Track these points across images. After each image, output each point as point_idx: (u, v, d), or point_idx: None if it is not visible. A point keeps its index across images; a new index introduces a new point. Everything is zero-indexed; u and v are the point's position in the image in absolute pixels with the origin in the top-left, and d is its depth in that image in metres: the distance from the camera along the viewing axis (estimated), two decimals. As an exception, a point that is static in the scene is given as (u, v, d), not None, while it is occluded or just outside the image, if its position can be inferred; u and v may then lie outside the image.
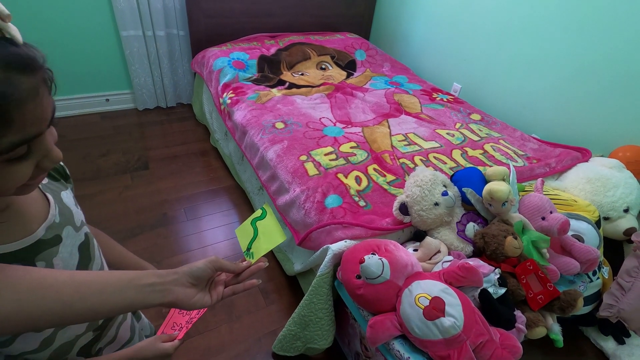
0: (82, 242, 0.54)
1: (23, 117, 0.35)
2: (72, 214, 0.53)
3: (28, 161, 0.38)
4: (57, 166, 0.57)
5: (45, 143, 0.39)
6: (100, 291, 0.41)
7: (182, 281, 0.48)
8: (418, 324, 0.77)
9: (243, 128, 1.61)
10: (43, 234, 0.47)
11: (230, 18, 2.29)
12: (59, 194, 0.53)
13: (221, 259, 0.52)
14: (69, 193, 0.56)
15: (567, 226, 0.99)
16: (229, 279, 0.55)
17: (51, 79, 0.39)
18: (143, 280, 0.44)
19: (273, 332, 1.24)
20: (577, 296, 0.92)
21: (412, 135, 1.58)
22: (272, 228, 0.60)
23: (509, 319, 0.82)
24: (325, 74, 2.20)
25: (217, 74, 1.99)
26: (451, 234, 1.02)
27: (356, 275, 0.85)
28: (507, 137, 1.67)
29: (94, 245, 0.58)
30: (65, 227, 0.51)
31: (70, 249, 0.51)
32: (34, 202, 0.48)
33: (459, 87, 2.24)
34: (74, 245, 0.52)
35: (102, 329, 0.59)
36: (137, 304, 0.44)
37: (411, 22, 2.50)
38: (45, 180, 0.53)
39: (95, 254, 0.57)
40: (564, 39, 1.65)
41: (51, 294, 0.38)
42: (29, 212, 0.47)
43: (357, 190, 1.20)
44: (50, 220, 0.48)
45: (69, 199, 0.55)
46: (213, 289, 0.52)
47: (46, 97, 0.37)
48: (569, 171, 1.41)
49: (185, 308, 0.48)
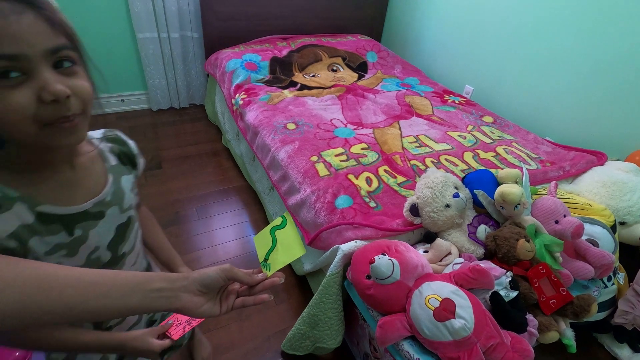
0: (122, 223, 0.60)
1: (1, 32, 0.37)
2: (123, 197, 0.59)
3: (23, 89, 0.39)
4: (129, 153, 0.64)
5: (41, 74, 0.40)
6: (104, 294, 0.40)
7: (191, 288, 0.46)
8: (428, 325, 0.76)
9: (255, 129, 1.63)
10: (90, 207, 0.53)
11: (243, 20, 2.32)
12: (120, 176, 0.60)
13: (235, 268, 0.50)
14: (129, 178, 0.63)
15: (581, 230, 0.98)
16: (242, 289, 0.53)
17: (52, 14, 0.41)
18: (150, 285, 0.43)
19: (282, 331, 1.24)
20: (591, 301, 0.91)
21: (423, 137, 1.58)
22: (291, 239, 0.57)
23: (520, 323, 0.81)
24: (336, 75, 2.21)
25: (230, 75, 2.02)
26: (462, 236, 1.02)
27: (366, 275, 0.86)
28: (520, 140, 1.66)
29: (133, 229, 0.63)
30: (113, 206, 0.57)
31: (109, 226, 0.57)
32: (94, 178, 0.56)
33: (471, 89, 2.22)
34: (113, 224, 0.58)
35: None
36: (142, 309, 0.43)
37: (423, 24, 2.50)
38: (114, 162, 0.61)
39: (130, 237, 0.63)
40: (578, 39, 1.63)
41: (54, 296, 0.37)
42: (86, 185, 0.54)
43: (368, 191, 1.21)
44: (101, 198, 0.55)
45: (127, 183, 0.61)
46: (224, 299, 0.51)
47: (34, 23, 0.39)
48: (583, 175, 1.38)
49: (192, 316, 0.47)
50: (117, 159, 0.62)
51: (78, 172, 0.53)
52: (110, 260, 0.59)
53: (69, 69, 0.44)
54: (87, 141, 0.58)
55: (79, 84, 0.44)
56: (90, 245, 0.55)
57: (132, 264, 0.66)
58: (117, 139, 0.64)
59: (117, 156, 0.62)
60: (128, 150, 0.64)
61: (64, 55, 0.43)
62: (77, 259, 0.54)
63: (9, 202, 0.45)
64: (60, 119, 0.42)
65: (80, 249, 0.53)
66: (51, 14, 0.41)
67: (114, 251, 0.59)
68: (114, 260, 0.60)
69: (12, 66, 0.38)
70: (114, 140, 0.63)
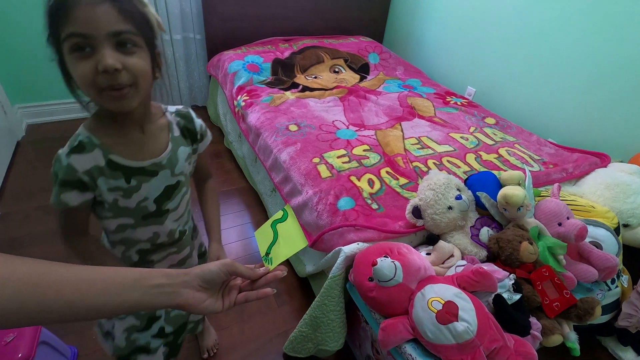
0: (171, 185, 0.70)
1: (77, 15, 0.49)
2: (176, 163, 0.70)
3: (88, 61, 0.51)
4: (192, 130, 0.74)
5: (101, 50, 0.51)
6: (103, 291, 0.40)
7: (193, 284, 0.45)
8: (431, 327, 0.76)
9: (257, 130, 1.63)
10: (147, 165, 0.65)
11: (245, 22, 2.33)
12: (178, 146, 0.70)
13: (236, 262, 0.50)
14: (187, 150, 0.72)
15: (584, 232, 0.97)
16: (245, 284, 0.53)
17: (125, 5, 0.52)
18: (150, 281, 0.42)
19: (284, 332, 1.24)
20: (595, 304, 0.90)
21: (426, 138, 1.58)
22: (293, 232, 0.57)
23: (523, 326, 0.81)
24: (338, 77, 2.21)
25: (232, 77, 2.02)
26: (465, 238, 1.01)
27: (368, 277, 0.85)
28: (523, 142, 1.65)
29: (180, 192, 0.73)
30: (165, 169, 0.68)
31: (159, 184, 0.68)
32: (157, 143, 0.67)
33: (473, 91, 2.22)
34: (163, 183, 0.68)
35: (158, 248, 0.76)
36: (142, 305, 0.42)
37: (425, 25, 2.50)
38: (177, 133, 0.71)
39: (175, 198, 0.72)
40: (582, 41, 1.62)
41: (52, 293, 0.37)
42: (149, 147, 0.66)
43: (370, 193, 1.20)
44: (158, 160, 0.66)
45: (182, 154, 0.71)
46: (226, 295, 0.50)
47: (106, 11, 0.50)
48: (586, 177, 1.38)
49: (194, 312, 0.46)
50: (181, 132, 0.72)
51: (146, 135, 0.65)
52: (154, 211, 0.70)
53: (128, 49, 0.53)
54: (161, 113, 0.70)
55: (132, 61, 0.54)
56: (141, 195, 0.66)
57: (174, 220, 0.75)
58: (186, 116, 0.74)
59: (181, 129, 0.72)
60: (192, 127, 0.74)
61: (126, 38, 0.53)
62: (130, 202, 0.66)
63: (91, 147, 0.60)
64: (111, 87, 0.53)
65: (133, 195, 0.65)
66: (124, 5, 0.52)
67: (158, 205, 0.70)
68: (158, 212, 0.71)
69: (84, 42, 0.50)
70: (183, 116, 0.73)
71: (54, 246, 1.47)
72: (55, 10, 0.50)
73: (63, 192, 0.59)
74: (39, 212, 1.64)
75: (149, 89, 0.60)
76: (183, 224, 0.79)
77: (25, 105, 2.25)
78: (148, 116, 0.66)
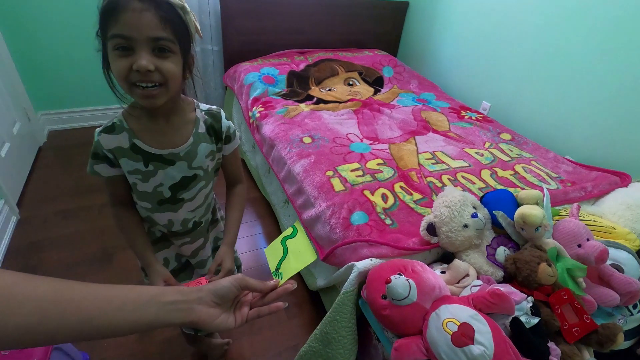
0: (187, 176, 0.75)
1: (124, 19, 0.56)
2: (194, 157, 0.74)
3: (126, 59, 0.58)
4: (218, 129, 0.78)
5: (139, 52, 0.58)
6: (120, 307, 0.40)
7: (206, 300, 0.46)
8: (445, 350, 0.74)
9: (271, 141, 1.65)
10: (165, 154, 0.71)
11: (262, 35, 2.37)
12: (200, 142, 0.75)
13: (247, 277, 0.50)
14: (209, 147, 0.77)
15: (605, 255, 0.94)
16: (255, 299, 0.53)
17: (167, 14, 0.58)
18: (165, 298, 0.43)
19: (294, 347, 1.23)
20: (617, 331, 0.87)
21: (440, 153, 1.57)
22: (302, 247, 0.58)
23: (542, 351, 0.78)
24: (352, 90, 2.22)
25: (248, 88, 2.05)
26: (480, 258, 0.99)
27: (382, 295, 0.84)
28: (540, 158, 1.62)
29: (197, 185, 0.78)
30: (182, 161, 0.73)
31: (176, 173, 0.73)
32: (179, 135, 0.72)
33: (489, 106, 2.20)
34: (180, 173, 0.74)
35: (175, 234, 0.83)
36: (158, 322, 0.42)
37: (440, 39, 2.51)
38: (202, 130, 0.75)
39: (192, 190, 0.77)
40: (602, 57, 1.60)
41: (71, 309, 0.37)
42: (170, 138, 0.71)
43: (384, 207, 1.20)
44: (177, 151, 0.72)
45: (203, 150, 0.76)
46: (238, 310, 0.50)
47: (149, 18, 0.57)
48: (606, 196, 1.34)
49: (208, 329, 0.46)
50: (207, 129, 0.76)
51: (169, 126, 0.71)
52: (169, 198, 0.76)
53: (163, 54, 0.60)
54: (192, 109, 0.76)
55: (165, 65, 0.60)
56: (157, 180, 0.72)
57: (190, 210, 0.81)
58: (215, 115, 0.78)
59: (207, 127, 0.77)
60: (218, 127, 0.78)
61: (163, 44, 0.59)
62: (147, 185, 0.73)
63: (120, 129, 0.69)
64: (141, 83, 0.60)
65: (150, 179, 0.72)
66: (167, 14, 0.58)
67: (173, 192, 0.75)
68: (173, 200, 0.76)
69: (126, 43, 0.57)
70: (212, 115, 0.78)
71: (72, 251, 1.50)
72: (107, 11, 0.57)
73: (95, 163, 0.69)
74: (58, 217, 1.68)
75: (178, 88, 0.67)
76: (200, 215, 0.85)
77: (48, 112, 2.32)
78: (175, 110, 0.72)
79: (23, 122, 2.00)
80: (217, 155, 0.81)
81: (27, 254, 1.47)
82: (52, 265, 1.43)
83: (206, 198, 0.84)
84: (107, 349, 1.17)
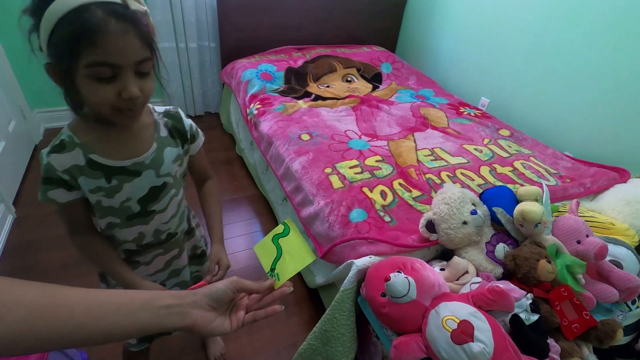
0: (157, 186, 0.69)
1: (106, 45, 0.50)
2: (161, 164, 0.69)
3: (110, 86, 0.53)
4: (181, 130, 0.73)
5: (126, 78, 0.53)
6: (113, 312, 0.39)
7: (201, 304, 0.45)
8: (445, 347, 0.74)
9: (269, 139, 1.64)
10: (129, 165, 0.64)
11: (259, 31, 2.35)
12: (164, 147, 0.70)
13: (242, 279, 0.49)
14: (174, 150, 0.72)
15: (604, 251, 0.94)
16: (251, 303, 0.52)
17: (145, 32, 0.54)
18: (159, 302, 0.42)
19: (293, 345, 1.23)
20: (617, 327, 0.87)
21: (439, 150, 1.56)
22: (298, 247, 0.54)
23: (542, 348, 0.78)
24: (350, 86, 2.21)
25: (245, 85, 2.04)
26: (480, 255, 0.99)
27: (381, 293, 0.84)
28: (538, 155, 1.62)
29: (168, 194, 0.72)
30: (149, 169, 0.67)
31: (143, 184, 0.67)
32: (141, 142, 0.66)
33: (487, 102, 2.20)
34: (147, 184, 0.68)
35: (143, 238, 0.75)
36: (152, 327, 0.41)
37: (438, 35, 2.49)
38: (164, 133, 0.70)
39: (163, 200, 0.72)
40: (601, 52, 1.59)
41: (63, 314, 0.36)
42: (131, 146, 0.65)
43: (382, 205, 1.19)
44: (140, 159, 0.66)
45: (169, 155, 0.70)
46: (234, 314, 0.49)
47: (132, 41, 0.52)
48: (605, 192, 1.34)
49: (203, 333, 0.46)
50: (169, 132, 0.72)
51: (127, 134, 0.65)
52: (139, 212, 0.70)
53: (144, 74, 0.56)
54: (147, 112, 0.69)
55: (147, 86, 0.57)
56: (123, 195, 0.66)
57: (163, 222, 0.75)
58: (175, 116, 0.74)
59: (169, 130, 0.72)
60: (181, 127, 0.74)
61: (145, 66, 0.56)
62: (113, 201, 0.66)
63: (72, 146, 0.61)
64: (129, 109, 0.57)
65: (115, 195, 0.65)
66: (144, 30, 0.54)
67: (143, 206, 0.69)
68: (143, 213, 0.70)
69: (111, 72, 0.52)
70: (172, 116, 0.73)
71: (68, 250, 1.49)
72: (78, 35, 0.49)
73: (48, 189, 0.61)
74: (53, 217, 1.66)
75: None
76: (174, 226, 0.79)
77: (43, 109, 2.30)
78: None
79: (18, 120, 1.98)
80: (185, 159, 0.76)
81: (24, 254, 1.46)
82: (49, 264, 1.42)
83: (179, 207, 0.78)
84: (106, 348, 1.17)
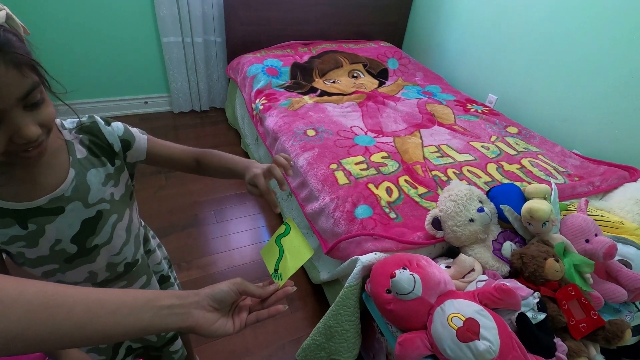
0: (90, 217, 0.58)
1: None
2: (87, 192, 0.56)
3: None
4: (103, 144, 0.59)
5: (14, 120, 0.42)
6: (114, 312, 0.38)
7: (204, 304, 0.44)
8: (450, 345, 0.74)
9: (274, 134, 1.63)
10: (44, 203, 0.52)
11: (265, 26, 2.34)
12: (86, 171, 0.57)
13: (246, 282, 0.49)
14: (100, 171, 0.59)
15: (613, 251, 0.93)
16: (254, 303, 0.51)
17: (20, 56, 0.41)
18: (161, 302, 0.41)
19: (297, 339, 1.23)
20: (625, 327, 0.86)
21: (445, 147, 1.55)
22: (297, 243, 0.55)
23: (548, 347, 0.78)
24: (357, 82, 2.20)
25: (251, 80, 2.03)
26: (486, 252, 0.98)
27: (386, 289, 0.84)
28: (547, 152, 1.60)
29: (107, 223, 0.60)
30: (73, 202, 0.55)
31: (71, 220, 0.56)
32: (54, 173, 0.53)
33: (495, 99, 2.17)
34: (77, 218, 0.56)
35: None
36: (153, 327, 0.40)
37: (445, 31, 2.46)
38: (81, 154, 0.57)
39: (103, 230, 0.60)
40: (611, 49, 1.56)
41: (62, 313, 0.35)
42: (43, 180, 0.52)
43: (388, 201, 1.18)
44: (58, 194, 0.53)
45: (94, 178, 0.58)
46: (236, 315, 0.49)
47: (7, 77, 0.40)
48: (614, 191, 1.32)
49: (205, 334, 0.45)
50: (89, 151, 0.58)
51: (35, 167, 0.51)
52: (78, 252, 0.59)
53: (36, 102, 0.44)
54: (55, 132, 0.55)
55: (45, 114, 0.46)
56: (49, 238, 0.55)
57: (113, 254, 0.64)
58: (91, 128, 0.59)
59: (87, 148, 0.58)
60: (102, 140, 0.59)
61: (34, 94, 0.44)
62: (39, 250, 0.55)
63: None
64: (28, 148, 0.45)
65: (40, 241, 0.54)
66: (17, 54, 0.41)
67: (80, 244, 0.58)
68: (83, 252, 0.59)
69: None
70: (87, 130, 0.58)
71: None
72: None
73: None
74: None
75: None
76: (131, 255, 0.68)
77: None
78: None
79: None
80: (122, 175, 0.63)
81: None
82: None
83: (128, 232, 0.66)
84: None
